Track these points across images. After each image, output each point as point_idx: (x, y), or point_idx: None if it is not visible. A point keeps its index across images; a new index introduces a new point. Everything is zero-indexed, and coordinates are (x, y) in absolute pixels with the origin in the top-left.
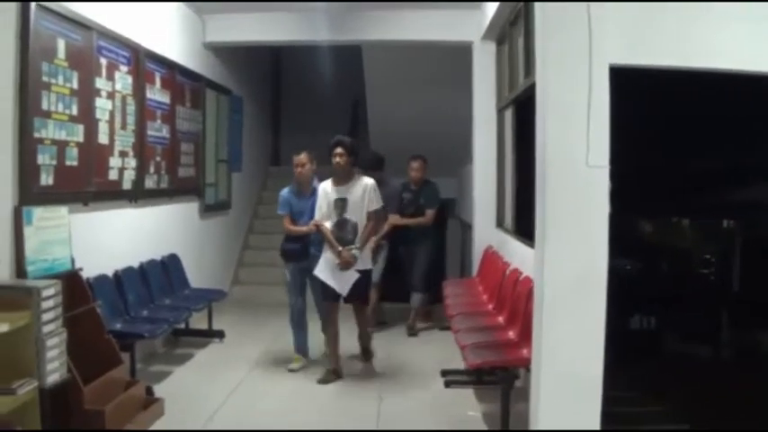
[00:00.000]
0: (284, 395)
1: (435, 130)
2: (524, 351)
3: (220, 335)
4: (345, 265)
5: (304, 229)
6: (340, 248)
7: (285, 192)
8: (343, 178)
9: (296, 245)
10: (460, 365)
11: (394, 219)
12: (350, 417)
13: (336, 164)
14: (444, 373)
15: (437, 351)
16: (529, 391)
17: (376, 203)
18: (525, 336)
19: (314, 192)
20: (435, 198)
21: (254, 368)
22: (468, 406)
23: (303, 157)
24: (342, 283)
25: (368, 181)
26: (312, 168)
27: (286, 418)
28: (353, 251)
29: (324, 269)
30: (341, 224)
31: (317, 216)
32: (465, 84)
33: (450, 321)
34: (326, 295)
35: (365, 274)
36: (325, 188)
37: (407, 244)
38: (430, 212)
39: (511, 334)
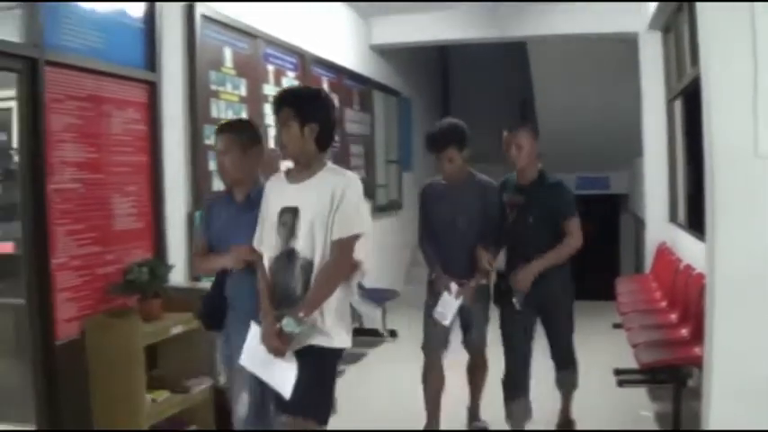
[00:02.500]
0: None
1: (606, 124)
2: (697, 349)
3: (393, 334)
4: (273, 349)
5: (221, 260)
6: (271, 314)
7: (212, 200)
8: (299, 168)
9: (213, 299)
10: (633, 364)
11: (527, 274)
12: None
13: (282, 143)
14: (617, 372)
15: (609, 348)
16: (701, 390)
17: (356, 224)
18: (698, 334)
19: (251, 199)
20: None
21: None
22: (641, 405)
23: (225, 137)
24: (277, 379)
25: (347, 177)
26: (253, 156)
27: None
28: (286, 323)
29: (253, 351)
30: (283, 261)
31: (256, 239)
32: (633, 75)
33: (623, 319)
34: (278, 403)
35: (318, 361)
36: (271, 188)
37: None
38: (575, 223)
39: (683, 332)
